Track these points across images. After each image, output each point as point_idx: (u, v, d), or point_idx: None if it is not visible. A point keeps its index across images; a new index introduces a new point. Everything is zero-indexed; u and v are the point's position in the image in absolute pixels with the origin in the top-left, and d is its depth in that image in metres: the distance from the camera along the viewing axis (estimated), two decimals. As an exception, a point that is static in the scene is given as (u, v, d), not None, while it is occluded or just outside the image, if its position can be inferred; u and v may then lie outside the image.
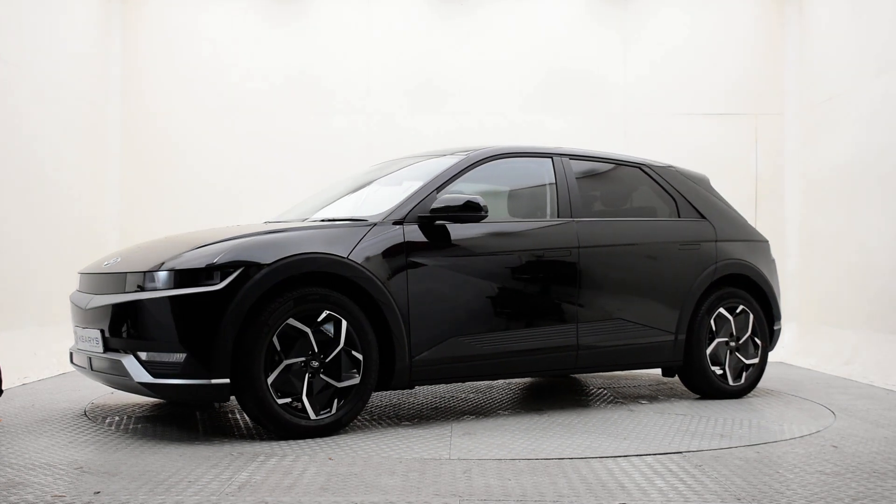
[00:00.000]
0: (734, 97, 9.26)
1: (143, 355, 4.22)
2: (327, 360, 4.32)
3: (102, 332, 4.41)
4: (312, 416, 4.28)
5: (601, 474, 3.61)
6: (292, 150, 9.15)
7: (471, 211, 4.70)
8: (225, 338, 4.09)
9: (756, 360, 5.82)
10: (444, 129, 8.99)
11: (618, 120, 9.22)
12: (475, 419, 4.96)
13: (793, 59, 9.23)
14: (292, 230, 4.51)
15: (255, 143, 9.16)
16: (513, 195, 5.66)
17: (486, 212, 4.75)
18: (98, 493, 3.26)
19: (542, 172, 5.40)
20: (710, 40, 9.33)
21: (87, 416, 5.00)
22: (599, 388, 6.30)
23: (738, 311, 5.75)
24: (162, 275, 4.24)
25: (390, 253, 4.57)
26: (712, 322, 5.64)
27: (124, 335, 4.29)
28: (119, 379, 4.35)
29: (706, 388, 5.64)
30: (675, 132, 9.12)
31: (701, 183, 6.05)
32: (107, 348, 4.40)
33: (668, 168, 5.93)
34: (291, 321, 4.24)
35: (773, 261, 6.20)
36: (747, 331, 5.77)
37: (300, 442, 4.22)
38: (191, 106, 9.18)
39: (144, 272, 4.31)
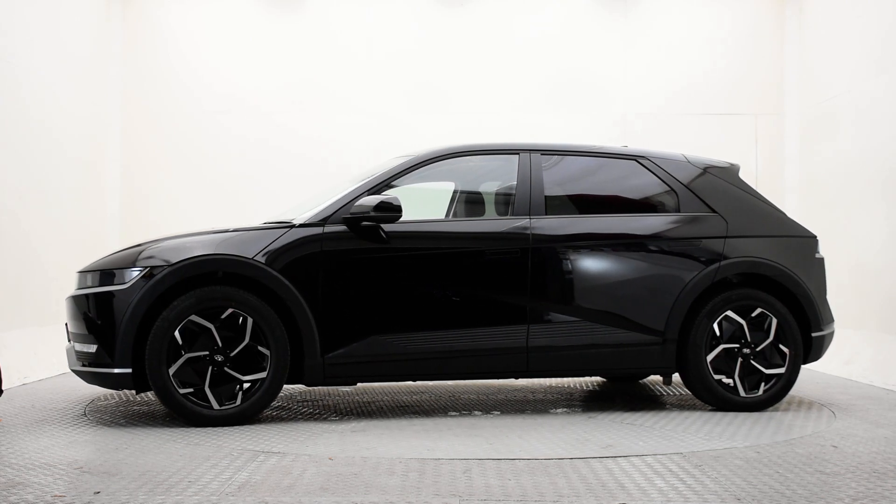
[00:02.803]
0: (734, 97, 9.27)
1: (76, 345, 4.81)
2: (232, 355, 4.59)
3: (66, 325, 5.02)
4: (215, 406, 4.59)
5: (601, 474, 3.61)
6: (292, 150, 9.15)
7: (384, 211, 4.75)
8: (126, 331, 4.53)
9: (781, 370, 5.18)
10: (444, 129, 8.99)
11: (618, 120, 9.22)
12: (475, 419, 4.95)
13: (793, 59, 9.23)
14: (216, 233, 4.80)
15: (254, 143, 9.16)
16: (470, 194, 5.62)
17: (401, 212, 4.78)
18: (98, 493, 3.26)
19: (506, 170, 5.29)
20: (711, 40, 9.33)
21: (87, 416, 5.00)
22: (604, 392, 6.30)
23: (753, 314, 5.19)
24: (88, 275, 4.81)
25: (304, 253, 4.75)
26: (715, 326, 5.15)
27: (70, 328, 4.92)
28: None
29: (709, 398, 5.17)
30: (676, 132, 9.11)
31: (722, 174, 5.51)
32: (68, 339, 5.04)
33: (672, 159, 5.47)
34: (194, 317, 4.56)
35: (817, 259, 5.56)
36: (768, 337, 5.18)
37: (300, 442, 4.23)
38: (191, 106, 9.19)
39: (79, 272, 4.91)
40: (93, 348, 4.63)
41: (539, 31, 9.32)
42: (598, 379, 6.68)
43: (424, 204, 5.69)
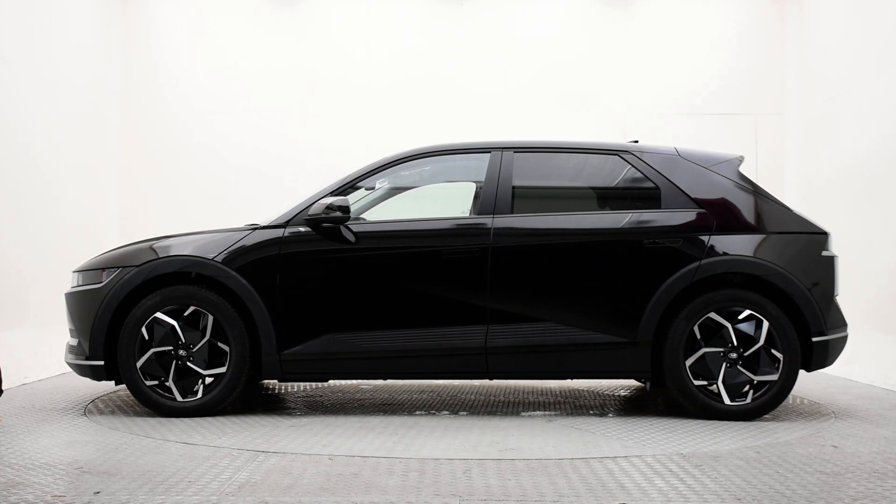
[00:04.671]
0: (734, 97, 9.27)
1: (69, 339, 5.20)
2: (194, 350, 4.85)
3: None
4: (179, 398, 4.86)
5: (601, 474, 3.62)
6: (292, 150, 9.15)
7: (333, 212, 4.88)
8: (99, 327, 4.88)
9: (773, 377, 4.82)
10: (444, 129, 8.99)
11: (618, 120, 9.22)
12: (476, 419, 4.96)
13: (793, 59, 9.23)
14: (190, 235, 5.07)
15: (255, 142, 9.16)
16: (436, 194, 5.62)
17: (348, 213, 4.88)
18: (98, 493, 3.26)
19: (475, 169, 5.22)
20: (711, 40, 9.34)
21: (87, 416, 5.00)
22: (603, 393, 6.30)
23: (741, 316, 4.85)
24: (79, 275, 5.17)
25: (263, 254, 4.93)
26: (696, 329, 4.85)
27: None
28: None
29: (690, 405, 4.88)
30: (675, 132, 9.11)
31: (718, 167, 5.16)
32: None
33: (659, 153, 5.19)
34: (159, 315, 4.84)
35: (824, 258, 5.06)
36: (758, 341, 4.81)
37: (300, 442, 4.23)
38: (190, 106, 9.19)
39: (73, 272, 5.26)
40: (75, 342, 5.06)
41: (539, 31, 9.32)
42: (634, 383, 6.56)
43: (449, 202, 5.69)
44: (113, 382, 5.04)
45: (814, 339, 4.90)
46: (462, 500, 3.21)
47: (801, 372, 4.97)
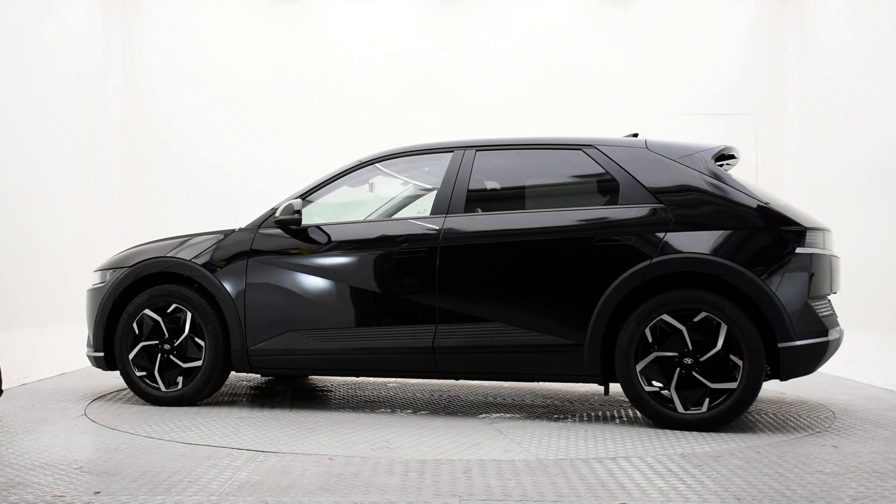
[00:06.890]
0: (734, 97, 9.27)
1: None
2: (176, 345, 5.25)
3: None
4: (163, 388, 5.27)
5: (601, 474, 3.62)
6: (292, 150, 9.16)
7: (286, 216, 5.12)
8: (99, 322, 5.38)
9: (732, 385, 4.44)
10: (444, 129, 9.00)
11: (618, 119, 9.23)
12: (476, 419, 4.96)
13: (793, 59, 9.24)
14: (174, 239, 5.47)
15: (254, 143, 9.17)
16: (401, 195, 5.72)
17: (300, 214, 5.11)
18: (98, 493, 3.26)
19: (437, 169, 5.24)
20: (711, 40, 9.34)
21: (87, 416, 5.00)
22: (602, 394, 6.31)
23: (696, 319, 4.50)
24: (96, 274, 5.64)
25: (236, 255, 5.26)
26: (648, 332, 4.55)
27: None
28: None
29: (641, 412, 4.65)
30: (676, 132, 9.12)
31: (686, 158, 4.79)
32: None
33: (625, 147, 4.90)
34: (147, 312, 5.29)
35: (798, 256, 4.52)
36: (715, 345, 4.45)
37: (300, 442, 4.23)
38: (190, 107, 9.19)
39: (93, 271, 5.69)
40: (87, 334, 5.56)
41: (539, 31, 9.33)
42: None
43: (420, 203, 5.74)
44: (118, 372, 5.42)
45: (780, 345, 4.43)
46: (462, 500, 3.21)
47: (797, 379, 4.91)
